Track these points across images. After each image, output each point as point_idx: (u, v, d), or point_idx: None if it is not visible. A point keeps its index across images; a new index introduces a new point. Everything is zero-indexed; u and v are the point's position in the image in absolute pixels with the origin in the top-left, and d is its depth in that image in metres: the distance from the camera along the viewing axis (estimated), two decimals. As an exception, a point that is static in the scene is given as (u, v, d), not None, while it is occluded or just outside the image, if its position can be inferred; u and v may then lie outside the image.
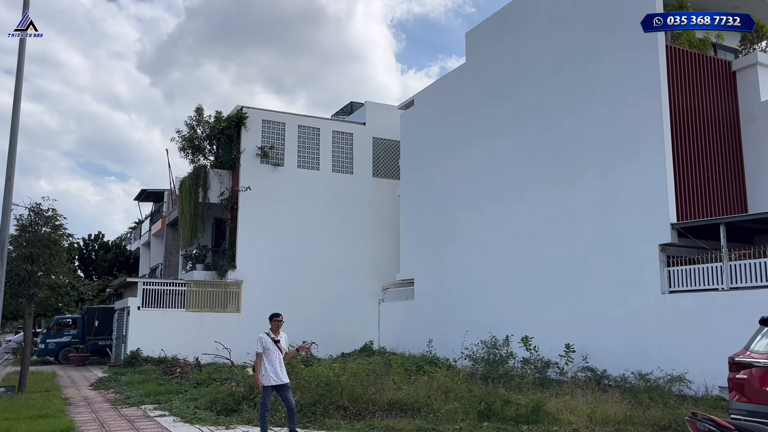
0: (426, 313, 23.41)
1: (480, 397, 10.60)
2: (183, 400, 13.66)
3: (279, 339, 9.42)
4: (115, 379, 18.76)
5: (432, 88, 25.31)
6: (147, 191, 36.82)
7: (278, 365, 9.18)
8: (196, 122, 27.03)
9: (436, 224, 23.64)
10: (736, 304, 13.33)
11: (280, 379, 9.15)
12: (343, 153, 28.27)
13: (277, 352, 9.25)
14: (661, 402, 10.55)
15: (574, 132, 17.83)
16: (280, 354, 9.28)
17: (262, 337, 9.34)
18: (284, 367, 9.30)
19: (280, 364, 9.21)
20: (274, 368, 9.15)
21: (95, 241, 48.03)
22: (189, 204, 26.29)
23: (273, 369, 9.14)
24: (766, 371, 6.53)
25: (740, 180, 16.60)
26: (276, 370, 9.15)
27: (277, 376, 9.14)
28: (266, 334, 9.42)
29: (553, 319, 17.48)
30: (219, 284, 25.28)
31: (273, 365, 9.16)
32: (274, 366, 9.15)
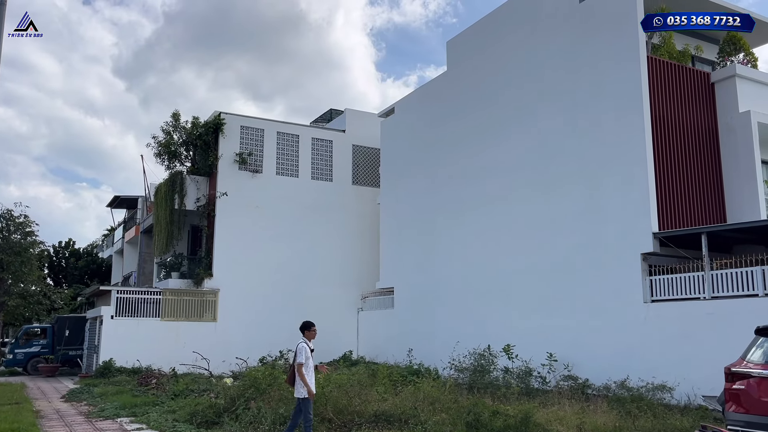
0: (406, 322, 23.23)
1: (468, 408, 10.44)
2: (161, 413, 13.26)
3: (312, 348, 9.28)
4: (87, 390, 18.21)
5: (412, 96, 25.26)
6: (120, 198, 36.08)
7: (312, 375, 9.09)
8: (172, 128, 26.55)
9: (417, 232, 23.53)
10: (717, 313, 13.42)
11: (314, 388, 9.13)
12: (323, 160, 28.05)
13: (311, 362, 9.14)
14: (650, 412, 10.51)
15: (556, 141, 17.89)
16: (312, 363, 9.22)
17: (305, 347, 9.06)
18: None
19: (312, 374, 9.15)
20: (313, 378, 9.07)
21: (66, 248, 46.95)
22: (164, 211, 25.80)
23: (314, 379, 9.07)
24: (763, 381, 6.49)
25: (719, 190, 16.79)
26: (314, 380, 9.08)
27: (315, 386, 9.10)
28: (304, 343, 9.13)
29: (536, 328, 17.44)
30: (195, 293, 24.80)
31: (312, 375, 9.04)
32: (313, 376, 9.07)
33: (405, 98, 25.75)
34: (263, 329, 24.57)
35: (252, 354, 21.07)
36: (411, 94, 25.53)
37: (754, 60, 18.07)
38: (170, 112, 26.93)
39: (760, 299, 12.78)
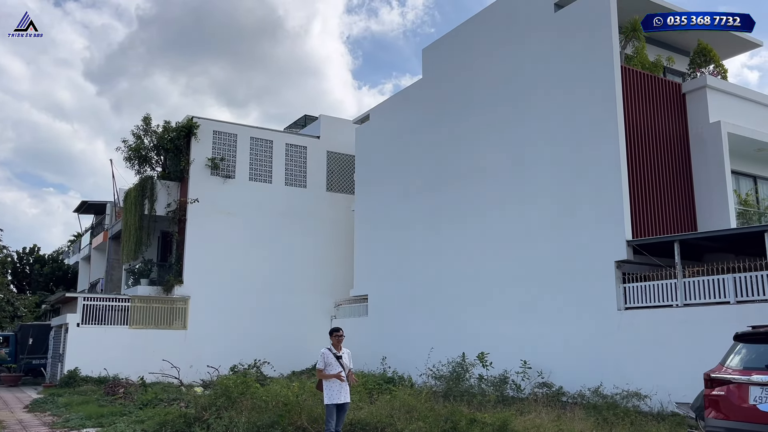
0: (380, 330, 23.06)
1: (445, 416, 10.32)
2: (128, 423, 12.86)
3: (342, 354, 9.04)
4: (51, 400, 17.64)
5: (387, 103, 25.21)
6: (88, 203, 35.30)
7: (343, 383, 8.88)
8: (143, 132, 26.12)
9: (391, 240, 23.42)
10: (690, 320, 13.55)
11: (344, 397, 8.87)
12: (297, 166, 27.81)
13: (340, 369, 8.89)
14: (627, 419, 10.52)
15: (531, 150, 17.97)
16: (343, 371, 8.93)
17: (324, 353, 8.96)
18: (348, 386, 8.98)
19: (345, 382, 8.92)
20: (339, 385, 8.82)
21: (30, 254, 45.75)
22: (134, 216, 25.28)
23: (338, 386, 8.81)
24: (742, 387, 6.50)
25: (690, 199, 17.02)
26: (340, 388, 8.83)
27: (340, 394, 8.83)
28: (327, 349, 9.03)
29: (511, 335, 17.44)
30: (165, 300, 24.30)
31: (335, 381, 8.85)
32: (339, 383, 8.84)
33: (380, 105, 25.68)
34: (235, 337, 24.19)
35: (223, 362, 20.71)
36: (386, 101, 25.48)
37: (724, 71, 18.43)
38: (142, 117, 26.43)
39: (731, 306, 12.94)
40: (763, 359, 6.61)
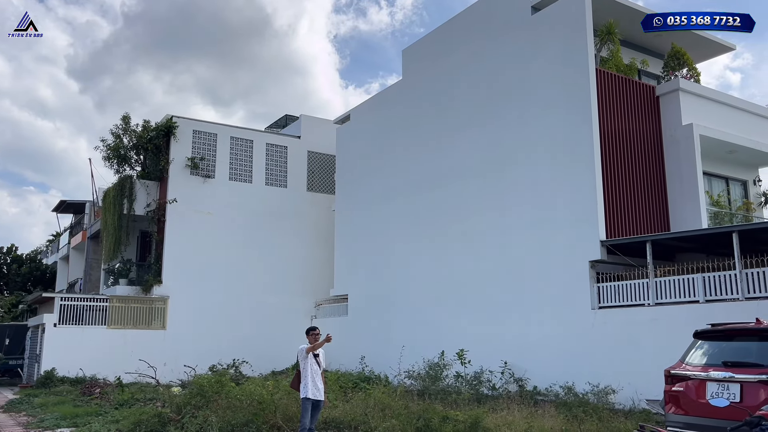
0: (360, 330, 23.14)
1: (418, 414, 10.44)
2: (103, 423, 12.84)
3: (318, 353, 9.33)
4: (27, 401, 17.52)
5: (368, 104, 25.31)
6: (67, 202, 34.99)
7: (318, 380, 9.15)
8: (122, 131, 25.97)
9: (372, 240, 23.52)
10: (661, 318, 13.80)
11: (320, 395, 9.11)
12: (277, 166, 27.81)
13: (316, 366, 9.17)
14: (595, 416, 10.71)
15: (508, 150, 18.16)
16: (318, 369, 9.21)
17: (303, 348, 9.31)
18: (323, 385, 9.25)
19: (320, 380, 9.18)
20: (314, 382, 9.07)
21: (7, 254, 45.16)
22: (113, 216, 25.11)
23: (313, 383, 9.06)
24: (701, 383, 6.69)
25: (663, 200, 17.31)
26: (316, 385, 9.09)
27: (317, 390, 9.08)
28: (303, 345, 9.41)
29: (487, 334, 17.61)
30: (143, 300, 24.19)
31: (313, 380, 9.08)
32: (314, 380, 9.08)
33: (360, 105, 25.77)
34: (214, 337, 24.13)
35: (203, 362, 20.62)
36: (367, 101, 25.57)
37: (697, 75, 18.74)
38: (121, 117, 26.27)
39: (700, 305, 13.20)
40: (721, 356, 6.80)
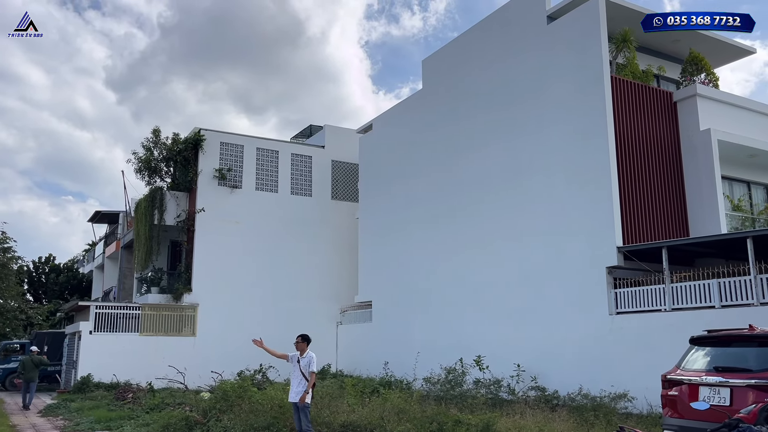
0: (384, 335, 23.54)
1: (432, 418, 10.77)
2: (134, 426, 13.45)
3: (299, 358, 10.18)
4: (64, 405, 18.30)
5: (390, 113, 25.75)
6: (102, 213, 36.17)
7: (295, 383, 10.01)
8: (153, 144, 26.84)
9: (394, 246, 23.91)
10: (677, 324, 13.87)
11: (293, 397, 10.00)
12: (302, 175, 28.42)
13: (298, 371, 10.02)
14: (605, 420, 10.90)
15: (526, 158, 18.40)
16: (298, 373, 10.02)
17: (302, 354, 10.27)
18: (299, 387, 9.97)
19: (298, 383, 9.98)
20: (292, 386, 10.02)
21: (46, 263, 46.78)
22: (144, 226, 25.99)
23: (293, 386, 10.00)
24: (695, 388, 6.91)
25: (682, 205, 17.34)
26: (293, 388, 10.01)
27: (293, 393, 10.02)
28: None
29: (506, 340, 17.84)
30: (174, 307, 24.95)
31: (292, 383, 10.04)
32: (293, 384, 10.02)
33: (383, 114, 26.23)
34: (242, 343, 24.37)
35: (232, 368, 21.18)
36: (388, 110, 26.02)
37: (715, 80, 18.72)
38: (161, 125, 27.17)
39: (716, 311, 13.29)
40: (714, 362, 7.01)
